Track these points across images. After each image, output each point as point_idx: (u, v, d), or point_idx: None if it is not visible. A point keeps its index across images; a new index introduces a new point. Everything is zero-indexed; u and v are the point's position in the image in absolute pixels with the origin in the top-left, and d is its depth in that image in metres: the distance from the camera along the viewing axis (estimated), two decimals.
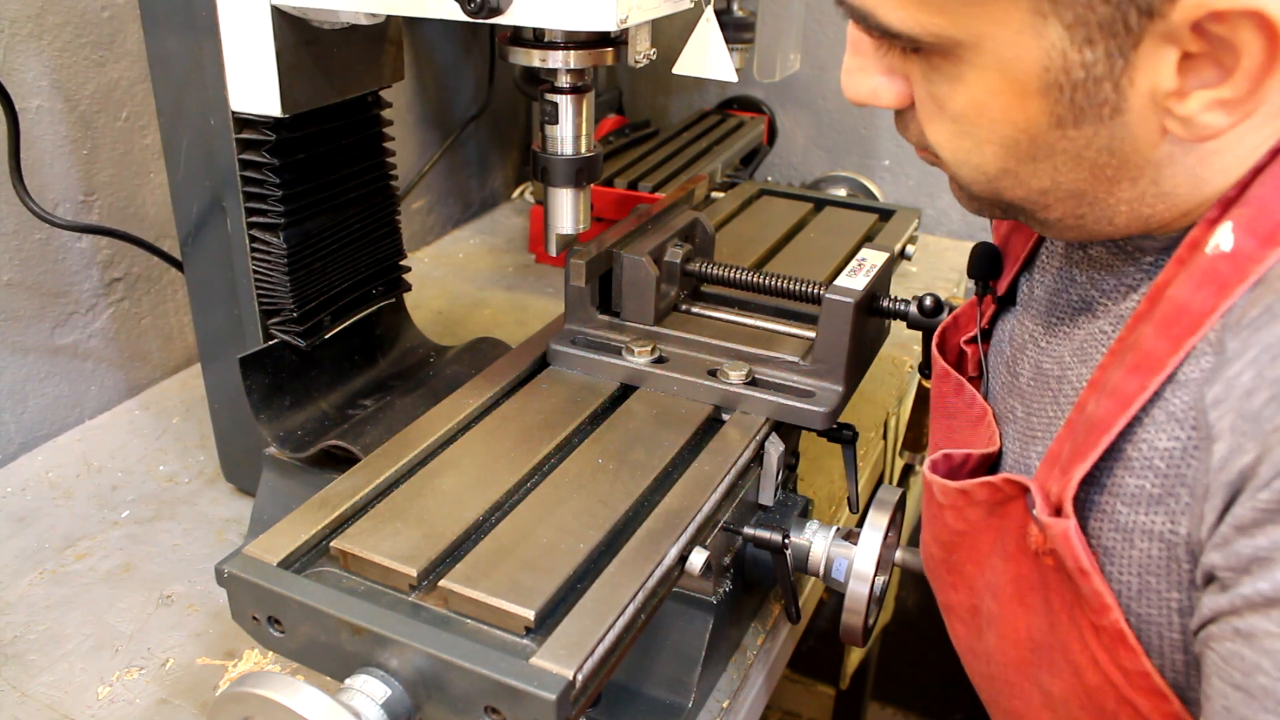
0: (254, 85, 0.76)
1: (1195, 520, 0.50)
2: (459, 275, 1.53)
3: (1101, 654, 0.55)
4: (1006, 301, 0.75)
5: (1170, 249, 0.58)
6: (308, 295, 0.89)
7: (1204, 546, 0.49)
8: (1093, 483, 0.55)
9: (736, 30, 1.37)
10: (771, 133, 1.77)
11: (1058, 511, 0.55)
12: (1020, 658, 0.62)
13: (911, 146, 0.63)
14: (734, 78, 0.76)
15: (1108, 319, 0.61)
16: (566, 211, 0.81)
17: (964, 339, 0.78)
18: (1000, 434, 0.68)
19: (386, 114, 0.93)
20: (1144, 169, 0.54)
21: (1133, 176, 0.54)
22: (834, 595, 0.79)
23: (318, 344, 0.92)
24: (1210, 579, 0.49)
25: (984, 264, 0.77)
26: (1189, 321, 0.51)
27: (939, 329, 0.79)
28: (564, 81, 0.75)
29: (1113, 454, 0.54)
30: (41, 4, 1.02)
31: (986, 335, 0.77)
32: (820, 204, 1.26)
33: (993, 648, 0.64)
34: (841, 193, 1.63)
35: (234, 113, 0.79)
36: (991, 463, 0.67)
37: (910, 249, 1.21)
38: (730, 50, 1.35)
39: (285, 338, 0.89)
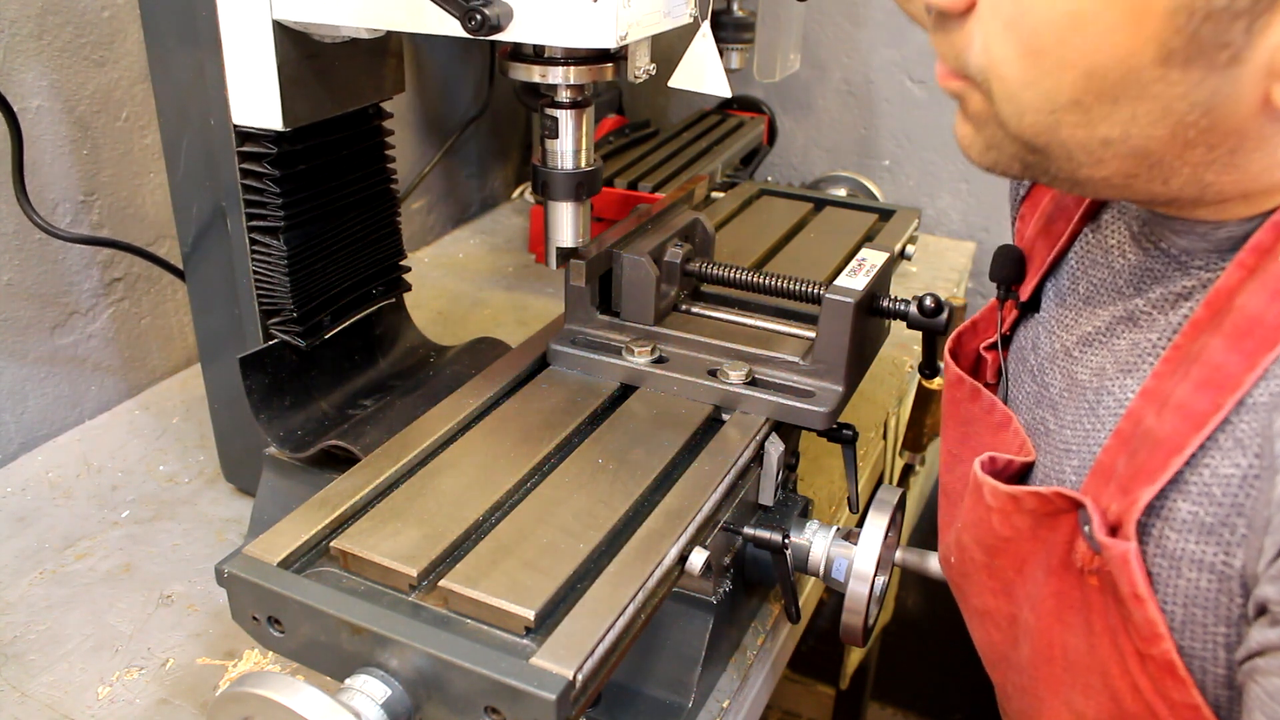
0: (255, 99, 0.77)
1: (1253, 553, 0.47)
2: (459, 275, 1.53)
3: (1145, 682, 0.52)
4: (1029, 308, 0.71)
5: (1220, 251, 0.54)
6: (308, 296, 0.89)
7: (1259, 580, 0.47)
8: (1147, 505, 0.51)
9: (736, 30, 1.37)
10: (771, 133, 1.77)
11: (1113, 532, 0.52)
12: (1053, 675, 0.59)
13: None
14: (728, 92, 0.76)
15: (1155, 329, 0.57)
16: (567, 225, 0.81)
17: (984, 345, 0.75)
18: (1030, 442, 0.65)
19: (386, 109, 0.93)
20: (1226, 138, 0.48)
21: (1211, 142, 0.48)
22: (834, 595, 0.79)
23: (318, 344, 0.92)
24: (1262, 611, 0.47)
25: (1007, 267, 0.73)
26: (1265, 335, 0.47)
27: (954, 334, 0.76)
28: (564, 96, 0.75)
29: (1170, 478, 0.50)
30: (42, 4, 1.02)
31: (1006, 341, 0.74)
32: (820, 204, 1.26)
33: (1027, 660, 0.62)
34: (841, 193, 1.63)
35: (235, 126, 0.80)
36: (1024, 472, 0.64)
37: (910, 249, 1.21)
38: (730, 50, 1.36)
39: (285, 338, 0.89)
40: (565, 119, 0.76)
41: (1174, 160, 0.49)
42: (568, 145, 0.77)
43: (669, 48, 0.83)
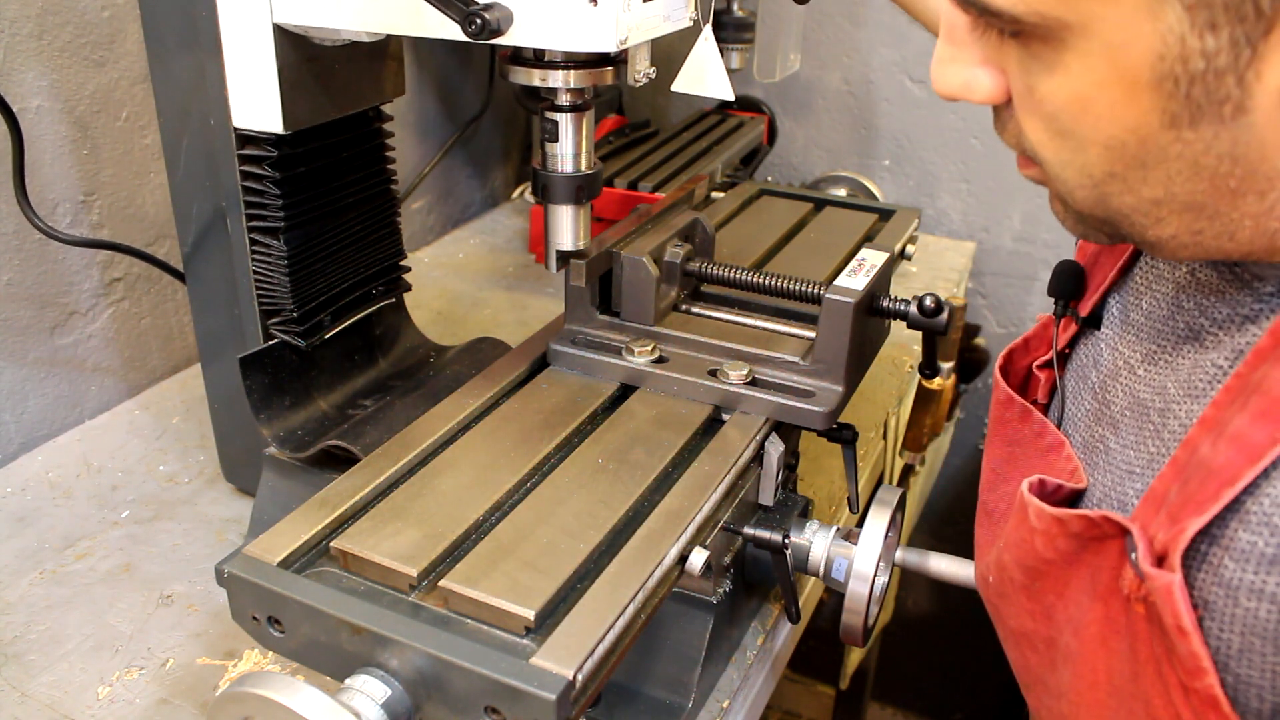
0: (256, 102, 0.77)
1: None
2: (459, 275, 1.53)
3: (1188, 715, 0.51)
4: (1089, 324, 0.70)
5: None
6: (308, 296, 0.89)
7: None
8: (1202, 533, 0.50)
9: (736, 30, 1.37)
10: (771, 133, 1.77)
11: (1159, 561, 0.51)
12: (1096, 700, 0.58)
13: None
14: (730, 96, 0.76)
15: (1220, 351, 0.57)
16: (567, 228, 0.81)
17: (1038, 362, 0.74)
18: (1084, 465, 0.64)
19: (386, 111, 0.93)
20: (1274, 180, 0.48)
21: (1260, 189, 0.48)
22: (834, 595, 0.79)
23: (318, 344, 0.92)
24: None
25: (1067, 282, 0.72)
26: None
27: (1004, 351, 0.75)
28: (564, 100, 0.75)
29: (1229, 505, 0.49)
30: (42, 4, 1.02)
31: (1062, 358, 0.73)
32: (820, 204, 1.26)
33: (1067, 685, 0.61)
34: (841, 193, 1.63)
35: (236, 129, 0.80)
36: (1074, 498, 0.63)
37: (910, 249, 1.21)
38: (730, 50, 1.36)
39: (285, 338, 0.89)
40: (565, 122, 0.76)
41: (1230, 211, 0.50)
42: (568, 148, 0.77)
43: (669, 49, 0.83)
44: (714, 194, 1.28)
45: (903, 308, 0.85)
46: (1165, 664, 0.52)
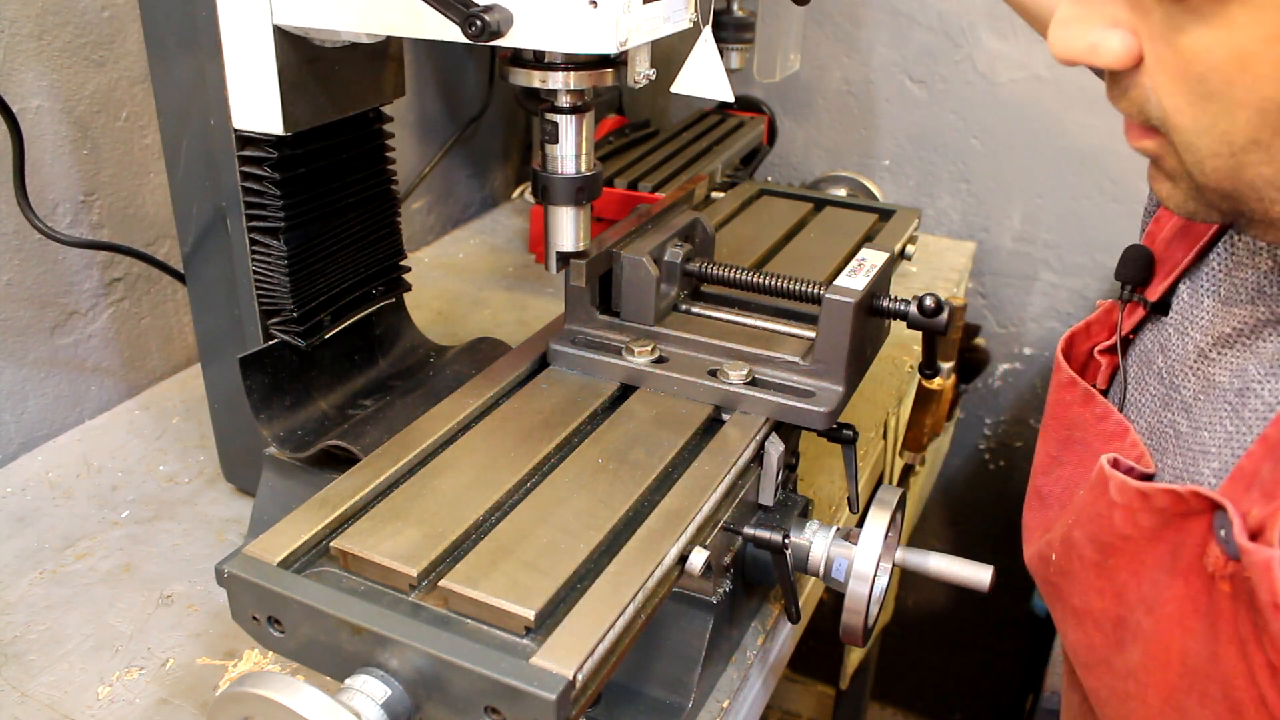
0: (256, 103, 0.77)
1: None
2: (459, 275, 1.53)
3: (1273, 695, 0.51)
4: (1156, 310, 0.70)
5: None
6: (308, 296, 0.89)
7: None
8: None
9: (736, 30, 1.36)
10: (771, 133, 1.77)
11: (1253, 537, 0.50)
12: (1167, 681, 0.57)
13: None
14: (730, 98, 0.76)
15: None
16: (567, 230, 0.81)
17: (1100, 347, 0.73)
18: (1151, 451, 0.63)
19: (386, 112, 0.93)
20: None
21: None
22: (834, 595, 0.79)
23: (318, 344, 0.92)
24: None
25: (1135, 268, 0.71)
26: None
27: (1066, 335, 0.75)
28: (564, 101, 0.75)
29: None
30: (42, 4, 1.02)
31: (1124, 344, 0.72)
32: (820, 204, 1.26)
33: (1135, 664, 0.60)
34: (841, 193, 1.63)
35: (236, 130, 0.80)
36: (1144, 481, 0.62)
37: (910, 249, 1.21)
38: (730, 50, 1.36)
39: (285, 338, 0.89)
40: (565, 124, 0.76)
41: None
42: (568, 150, 0.77)
43: (669, 50, 0.83)
44: (714, 194, 1.28)
45: (903, 308, 0.85)
46: (1252, 643, 0.51)
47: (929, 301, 0.83)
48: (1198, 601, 0.54)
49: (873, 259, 0.87)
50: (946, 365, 1.34)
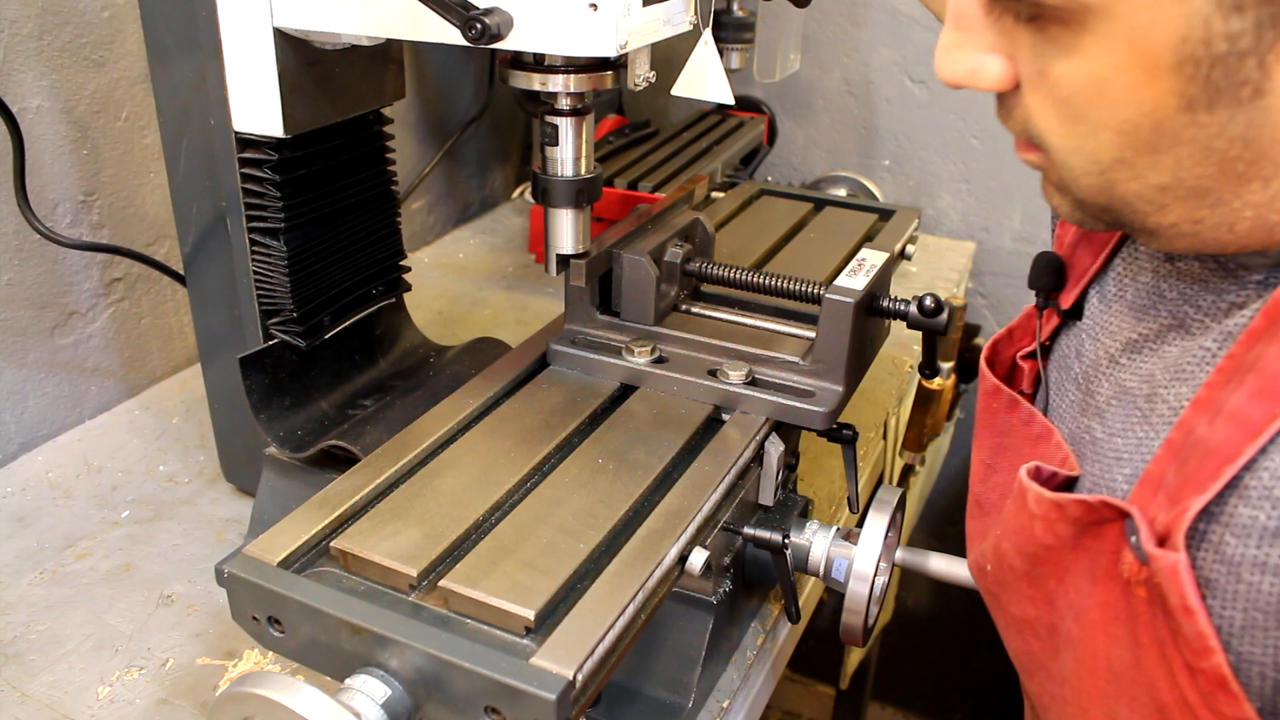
0: (256, 106, 0.77)
1: None
2: (459, 275, 1.53)
3: (1194, 696, 0.51)
4: (1071, 315, 0.71)
5: (1279, 264, 0.54)
6: (308, 296, 0.89)
7: None
8: (1201, 513, 0.51)
9: (736, 30, 1.37)
10: (771, 133, 1.77)
11: (1161, 542, 0.51)
12: (1097, 687, 0.58)
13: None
14: (730, 100, 0.76)
15: (1208, 336, 0.57)
16: (567, 232, 0.81)
17: (1021, 353, 0.74)
18: (1074, 455, 0.64)
19: (386, 113, 0.93)
20: (1278, 168, 0.49)
21: (1265, 175, 0.49)
22: (834, 595, 0.79)
23: (318, 344, 0.92)
24: None
25: (1046, 275, 0.72)
26: None
27: (989, 342, 0.76)
28: (564, 104, 0.75)
29: (1227, 483, 0.50)
30: (42, 4, 1.02)
31: (1045, 350, 0.73)
32: (820, 204, 1.26)
33: (1069, 671, 0.61)
34: (841, 193, 1.63)
35: (236, 133, 0.80)
36: (1068, 485, 0.63)
37: (910, 249, 1.21)
38: (730, 50, 1.36)
39: (285, 338, 0.89)
40: (565, 126, 0.76)
41: (1232, 200, 0.51)
42: (568, 153, 0.77)
43: (669, 50, 0.83)
44: (714, 194, 1.28)
45: (903, 308, 0.85)
46: (1170, 646, 0.52)
47: (929, 301, 0.83)
48: (1117, 608, 0.55)
49: (873, 259, 0.87)
50: (946, 365, 1.34)
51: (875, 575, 0.76)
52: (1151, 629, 0.53)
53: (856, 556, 0.76)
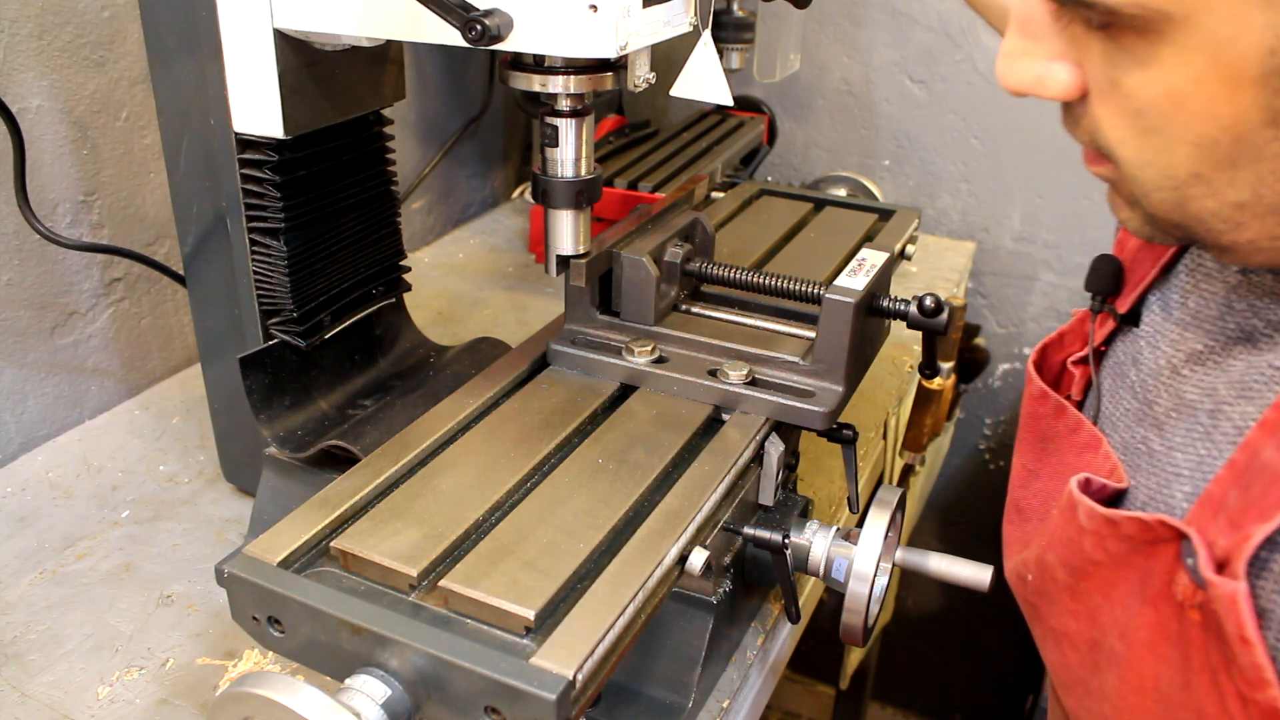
0: (256, 107, 0.77)
1: None
2: (459, 275, 1.53)
3: None
4: (1128, 320, 0.69)
5: None
6: (308, 296, 0.89)
7: None
8: (1265, 541, 0.49)
9: (736, 30, 1.37)
10: (771, 133, 1.77)
11: (1220, 568, 0.49)
12: (1143, 707, 0.56)
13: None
14: (729, 101, 0.76)
15: (1277, 353, 0.55)
16: (567, 233, 0.81)
17: (1073, 358, 0.73)
18: (1124, 465, 0.62)
19: (386, 113, 0.93)
20: None
21: None
22: (834, 595, 0.79)
23: (318, 344, 0.92)
24: None
25: (1105, 279, 0.71)
26: None
27: (1038, 346, 0.74)
28: (564, 105, 0.75)
29: None
30: (42, 4, 1.02)
31: (1099, 355, 0.71)
32: (820, 204, 1.26)
33: (1111, 689, 0.59)
34: (841, 193, 1.63)
35: (236, 134, 0.80)
36: (1116, 496, 0.61)
37: (910, 249, 1.21)
38: (730, 50, 1.36)
39: (285, 338, 0.89)
40: (565, 127, 0.77)
41: None
42: (568, 153, 0.77)
43: (669, 50, 0.83)
44: (714, 194, 1.28)
45: (903, 308, 0.85)
46: (1223, 674, 0.50)
47: (929, 301, 0.83)
48: (1168, 629, 0.54)
49: (873, 259, 0.87)
50: (946, 365, 1.34)
51: (875, 575, 0.76)
52: (1204, 654, 0.51)
53: (856, 556, 0.76)
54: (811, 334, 0.87)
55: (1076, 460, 0.66)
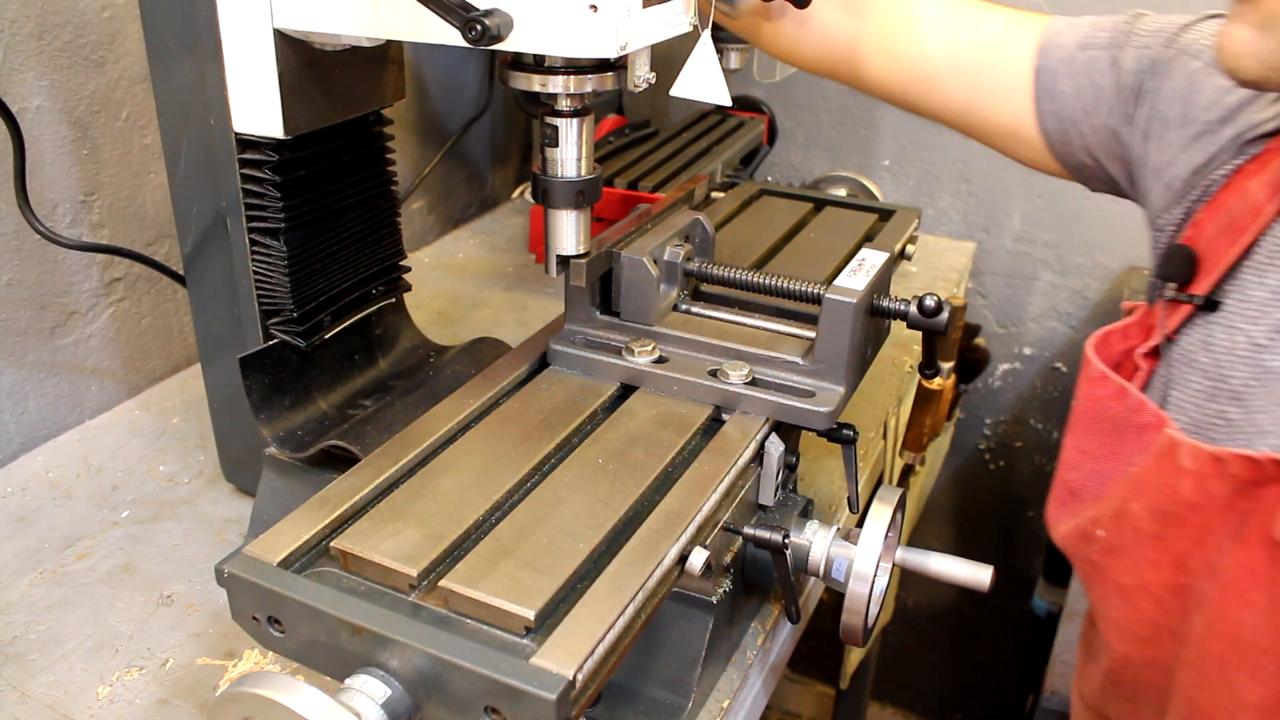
0: (256, 107, 0.77)
1: None
2: (459, 275, 1.53)
3: None
4: (1207, 306, 0.70)
5: None
6: (308, 296, 0.89)
7: None
8: None
9: None
10: (771, 133, 1.77)
11: None
12: (1221, 653, 0.58)
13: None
14: (728, 101, 0.76)
15: None
16: (567, 233, 0.81)
17: (1141, 350, 0.74)
18: (1198, 440, 0.63)
19: (386, 113, 0.93)
20: None
21: None
22: (834, 595, 0.79)
23: (318, 344, 0.92)
24: None
25: (1180, 266, 0.72)
26: None
27: (1101, 334, 0.75)
28: (564, 105, 0.75)
29: None
30: (42, 4, 1.02)
31: (1167, 345, 0.72)
32: (820, 204, 1.26)
33: (1198, 634, 0.60)
34: (841, 193, 1.63)
35: (237, 134, 0.80)
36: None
37: (910, 249, 1.21)
38: (730, 50, 1.36)
39: (285, 338, 0.89)
40: (565, 127, 0.77)
41: None
42: (568, 153, 0.78)
43: (669, 50, 0.83)
44: (714, 194, 1.28)
45: (903, 308, 0.85)
46: None
47: (929, 301, 0.83)
48: (1258, 572, 0.55)
49: (873, 259, 0.87)
50: (946, 365, 1.34)
51: (875, 575, 0.76)
52: None
53: (856, 556, 0.76)
54: (812, 334, 0.87)
55: (1137, 441, 0.67)
